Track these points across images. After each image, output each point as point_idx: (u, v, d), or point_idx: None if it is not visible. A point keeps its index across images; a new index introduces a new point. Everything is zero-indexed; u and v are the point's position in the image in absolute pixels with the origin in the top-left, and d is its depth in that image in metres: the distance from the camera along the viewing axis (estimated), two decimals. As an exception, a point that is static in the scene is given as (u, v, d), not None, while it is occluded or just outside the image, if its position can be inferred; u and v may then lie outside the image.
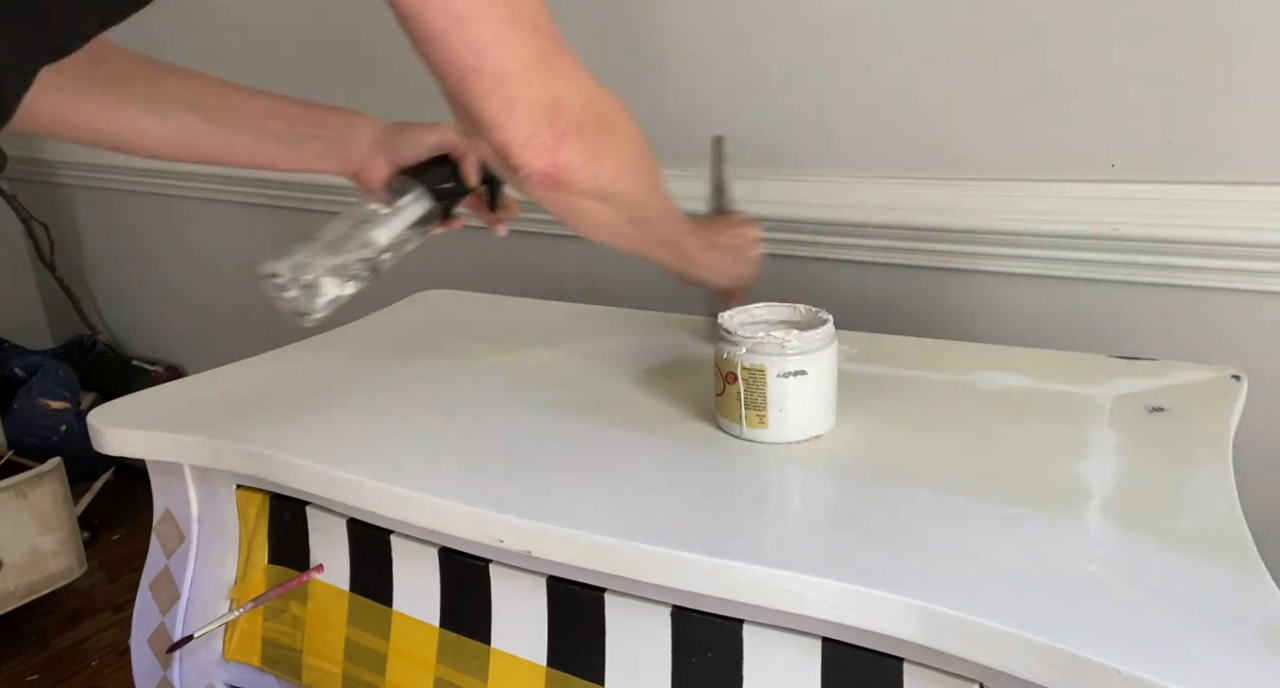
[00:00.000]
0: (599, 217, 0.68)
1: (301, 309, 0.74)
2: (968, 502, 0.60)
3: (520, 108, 0.57)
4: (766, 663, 0.58)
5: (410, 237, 0.80)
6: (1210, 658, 0.45)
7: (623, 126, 0.64)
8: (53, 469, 1.62)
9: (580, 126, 0.59)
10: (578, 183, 0.62)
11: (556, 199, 0.64)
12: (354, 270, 0.76)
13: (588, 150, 0.61)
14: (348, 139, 0.81)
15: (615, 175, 0.64)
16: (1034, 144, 0.97)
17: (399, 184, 0.80)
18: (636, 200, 0.68)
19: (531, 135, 0.58)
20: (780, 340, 0.68)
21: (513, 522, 0.61)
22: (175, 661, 0.83)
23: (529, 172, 0.59)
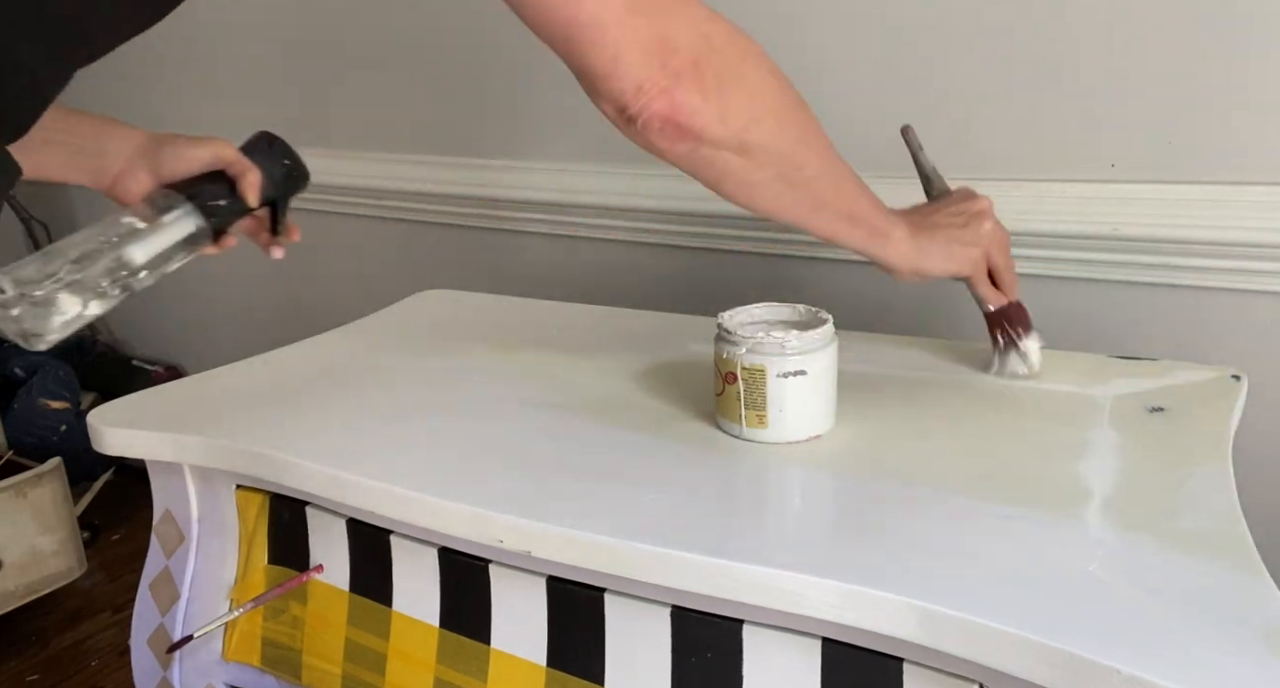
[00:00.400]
0: (741, 173, 0.61)
1: (30, 330, 0.66)
2: (968, 502, 0.60)
3: (627, 52, 0.54)
4: (766, 663, 0.58)
5: (173, 255, 0.73)
6: (1210, 658, 0.45)
7: (753, 65, 0.60)
8: (53, 469, 1.62)
9: (696, 64, 0.56)
10: (702, 127, 0.57)
11: (687, 152, 0.59)
12: (101, 287, 0.69)
13: (709, 88, 0.56)
14: (98, 148, 0.74)
15: (750, 119, 0.59)
16: (1034, 144, 0.97)
17: (163, 199, 0.73)
18: (785, 153, 0.62)
19: (644, 80, 0.55)
20: (780, 340, 0.68)
21: (513, 522, 0.61)
22: (175, 661, 0.83)
23: (648, 118, 0.56)
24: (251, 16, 1.61)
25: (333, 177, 1.57)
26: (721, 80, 0.57)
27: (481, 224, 1.42)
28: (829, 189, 0.66)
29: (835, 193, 0.66)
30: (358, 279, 1.62)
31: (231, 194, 0.75)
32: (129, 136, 0.75)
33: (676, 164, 0.60)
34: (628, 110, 0.57)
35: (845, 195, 0.67)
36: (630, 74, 0.55)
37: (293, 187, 0.80)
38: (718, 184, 0.63)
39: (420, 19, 1.40)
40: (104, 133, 0.75)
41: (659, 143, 0.58)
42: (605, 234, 1.30)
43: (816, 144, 0.64)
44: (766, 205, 0.64)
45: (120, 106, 1.44)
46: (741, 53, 0.59)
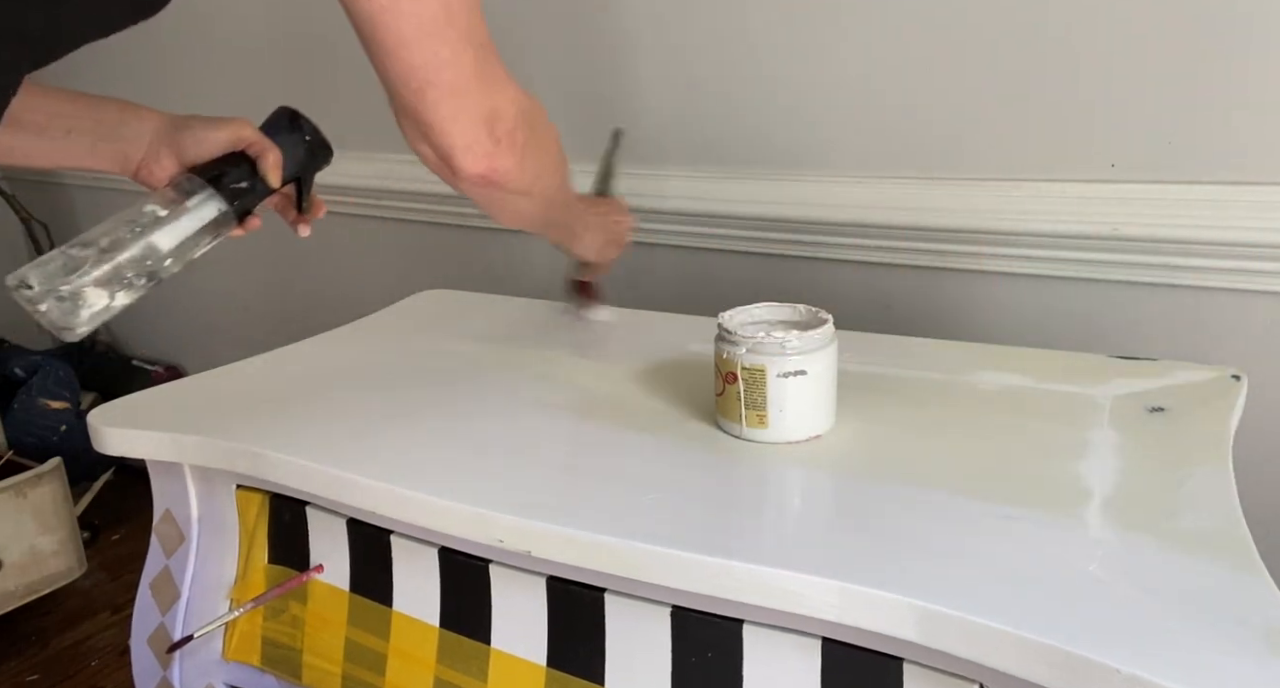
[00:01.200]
0: (520, 208, 0.74)
1: (59, 324, 0.67)
2: (967, 502, 0.60)
3: (465, 116, 0.63)
4: (766, 663, 0.58)
5: (199, 241, 0.73)
6: (1210, 658, 0.45)
7: (546, 130, 0.71)
8: (53, 469, 1.62)
9: (512, 133, 0.65)
10: (510, 183, 0.67)
11: (487, 195, 0.69)
12: (127, 279, 0.69)
13: (518, 154, 0.66)
14: (118, 133, 0.75)
15: (538, 174, 0.70)
16: (1034, 144, 0.97)
17: (187, 183, 0.73)
18: (552, 193, 0.75)
19: (473, 141, 0.64)
20: (780, 340, 0.68)
21: (513, 522, 0.61)
22: (175, 661, 0.83)
23: (468, 174, 0.65)
24: (251, 15, 1.61)
25: (333, 176, 1.57)
26: (527, 146, 0.67)
27: (481, 224, 1.42)
28: (563, 209, 0.82)
29: (563, 210, 0.82)
30: (358, 279, 1.62)
31: (254, 175, 0.75)
32: (149, 120, 0.75)
33: (469, 197, 0.70)
34: (453, 163, 0.64)
35: (566, 210, 0.84)
36: (465, 134, 0.63)
37: (316, 163, 0.80)
38: (496, 215, 0.75)
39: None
40: (124, 118, 0.75)
41: (469, 189, 0.68)
42: (605, 234, 1.30)
43: (567, 179, 0.79)
44: (523, 225, 0.79)
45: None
46: (540, 119, 0.70)
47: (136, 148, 0.75)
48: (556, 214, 0.82)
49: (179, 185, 0.73)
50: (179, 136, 0.75)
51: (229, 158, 0.74)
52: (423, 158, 0.66)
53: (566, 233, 0.89)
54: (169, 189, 0.73)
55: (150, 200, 0.72)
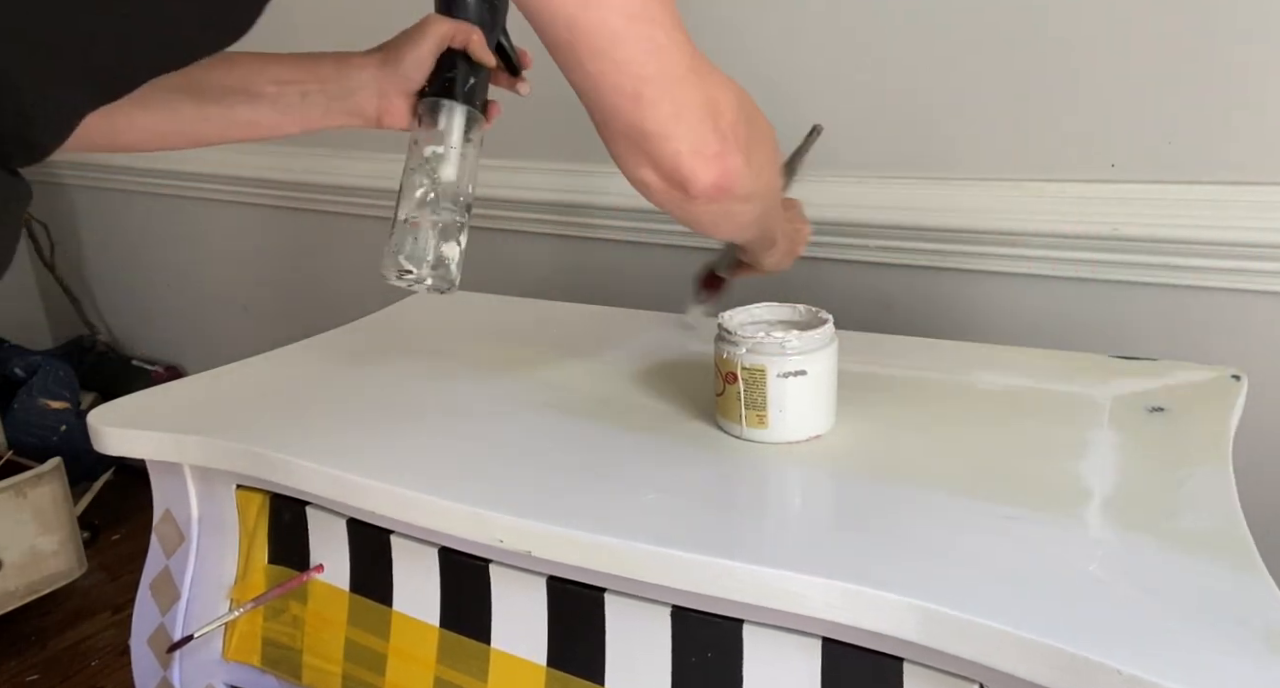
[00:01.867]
0: (744, 216, 0.64)
1: (443, 287, 0.73)
2: (968, 502, 0.60)
3: (688, 111, 0.55)
4: (766, 663, 0.58)
5: (469, 153, 0.76)
6: (1210, 658, 0.45)
7: (763, 120, 0.62)
8: (53, 469, 1.62)
9: (735, 126, 0.57)
10: (740, 186, 0.58)
11: (716, 210, 0.60)
12: (458, 221, 0.74)
13: (744, 150, 0.58)
14: (347, 88, 0.75)
15: (761, 171, 0.61)
16: (1034, 144, 0.97)
17: (429, 109, 0.75)
18: (772, 194, 0.67)
19: (700, 142, 0.55)
20: (780, 340, 0.68)
21: (513, 522, 0.61)
22: (175, 661, 0.83)
23: (702, 184, 0.56)
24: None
25: (333, 177, 1.57)
26: (750, 140, 0.58)
27: (481, 224, 1.42)
28: (772, 210, 0.71)
29: (774, 212, 0.72)
30: (358, 279, 1.63)
31: (471, 66, 0.75)
32: (364, 67, 0.75)
33: (692, 218, 0.61)
34: (681, 171, 0.56)
35: (775, 214, 0.73)
36: (690, 134, 0.55)
37: (503, 16, 0.78)
38: (716, 228, 0.65)
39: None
40: (343, 71, 0.75)
41: (698, 209, 0.59)
42: (605, 234, 1.30)
43: (776, 176, 0.68)
44: (737, 234, 0.71)
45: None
46: (755, 109, 0.61)
47: (367, 99, 0.75)
48: (769, 219, 0.72)
49: (426, 116, 0.75)
50: (399, 71, 0.74)
51: (442, 62, 0.75)
52: (646, 189, 0.59)
53: (767, 239, 0.78)
54: (424, 127, 0.75)
55: (418, 145, 0.75)
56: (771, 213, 0.71)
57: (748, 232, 0.71)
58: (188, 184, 1.82)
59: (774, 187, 0.67)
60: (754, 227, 0.70)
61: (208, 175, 1.76)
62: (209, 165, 1.75)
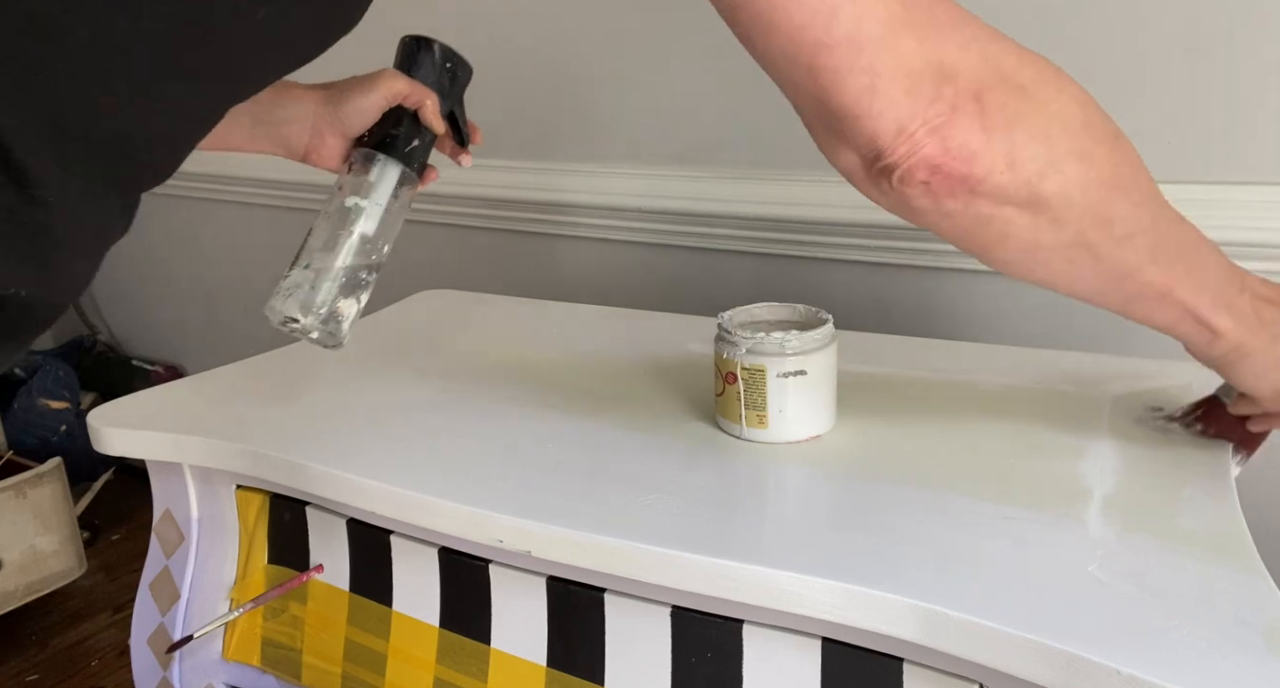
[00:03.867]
0: (1027, 234, 0.47)
1: (329, 343, 0.71)
2: (967, 502, 0.60)
3: (890, 81, 0.43)
4: (766, 663, 0.58)
5: (394, 210, 0.73)
6: (1210, 658, 0.45)
7: (1053, 91, 0.46)
8: (53, 469, 1.63)
9: (978, 94, 0.43)
10: (983, 174, 0.44)
11: (959, 209, 0.46)
12: (362, 279, 0.71)
13: (994, 124, 0.44)
14: (274, 117, 0.72)
15: (1046, 162, 0.45)
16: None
17: (364, 161, 0.72)
18: (1090, 206, 0.46)
19: (908, 118, 0.43)
20: (780, 340, 0.68)
21: (513, 522, 0.61)
22: (175, 661, 0.83)
23: (911, 166, 0.44)
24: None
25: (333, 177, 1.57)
26: (1010, 113, 0.44)
27: (482, 224, 1.42)
28: (1141, 253, 0.49)
29: (1149, 259, 0.50)
30: (358, 279, 1.62)
31: (417, 127, 0.73)
32: (303, 100, 0.72)
33: (938, 228, 0.47)
34: (883, 159, 0.44)
35: (1162, 262, 0.50)
36: (890, 111, 0.43)
37: (461, 87, 0.77)
38: (993, 249, 0.48)
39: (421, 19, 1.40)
40: (280, 99, 0.72)
41: (920, 200, 0.45)
42: (605, 234, 1.30)
43: (1130, 189, 0.48)
44: (1055, 275, 0.50)
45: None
46: (1036, 75, 0.46)
47: (298, 132, 0.72)
48: (1135, 261, 0.50)
49: (358, 165, 0.72)
50: (339, 113, 0.71)
51: (389, 117, 0.73)
52: (853, 179, 0.47)
53: (1184, 317, 0.53)
54: (351, 174, 0.72)
55: (342, 192, 0.72)
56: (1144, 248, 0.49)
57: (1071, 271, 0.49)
58: (188, 184, 1.82)
59: (1098, 193, 0.46)
60: (1081, 264, 0.49)
61: (208, 175, 1.76)
62: (209, 165, 1.75)
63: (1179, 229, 0.52)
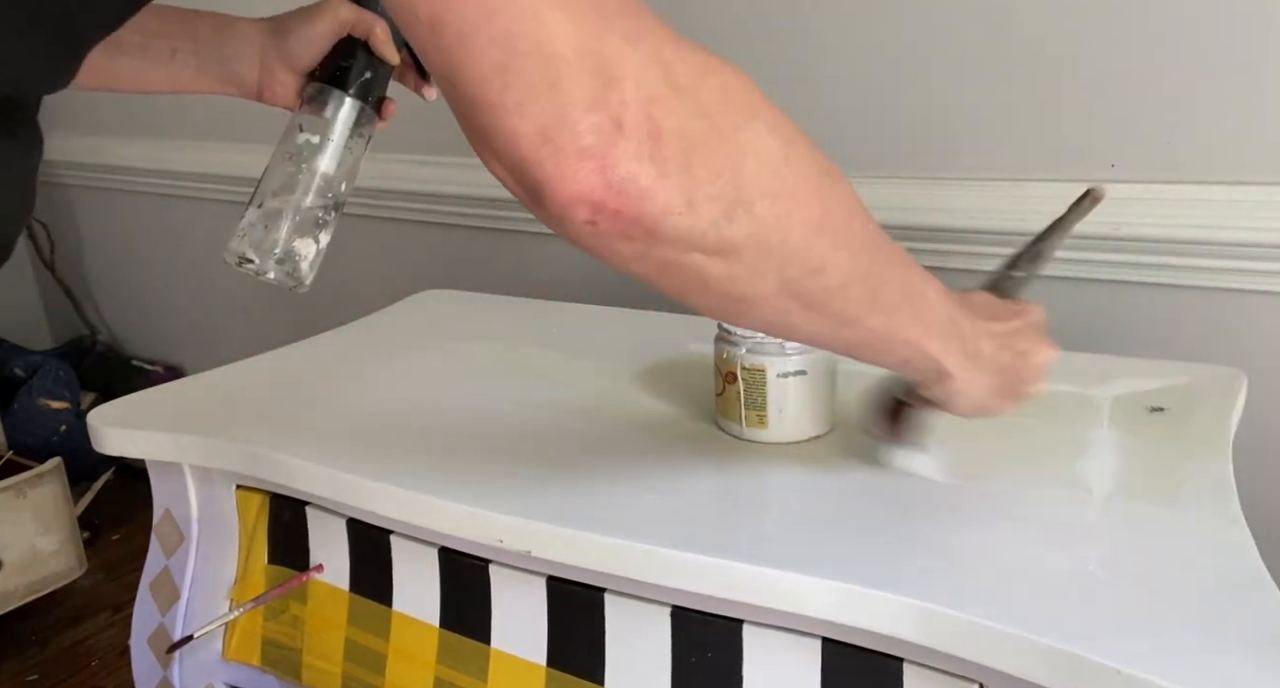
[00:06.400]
0: (724, 284, 0.40)
1: (290, 283, 0.68)
2: (968, 501, 0.60)
3: (527, 61, 0.33)
4: (766, 663, 0.58)
5: (354, 148, 0.70)
6: (1210, 658, 0.45)
7: (741, 115, 0.38)
8: (53, 469, 1.62)
9: (648, 110, 0.35)
10: (659, 216, 0.36)
11: (635, 255, 0.38)
12: (319, 217, 0.68)
13: (667, 154, 0.35)
14: (220, 54, 0.68)
15: (734, 201, 0.37)
16: (1034, 144, 0.97)
17: (318, 95, 0.69)
18: (792, 252, 0.40)
19: (555, 118, 0.34)
20: (780, 340, 0.68)
21: (513, 522, 0.61)
22: (175, 661, 0.83)
23: (566, 200, 0.35)
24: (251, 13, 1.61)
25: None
26: (688, 141, 0.36)
27: (481, 224, 1.42)
28: (860, 301, 0.45)
29: (870, 306, 0.45)
30: (358, 279, 1.62)
31: (371, 58, 0.69)
32: (248, 34, 0.69)
33: (621, 270, 0.40)
34: (528, 174, 0.35)
35: (885, 308, 0.46)
36: (530, 106, 0.34)
37: None
38: (691, 297, 0.42)
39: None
40: (223, 35, 0.69)
41: (589, 241, 0.37)
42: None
43: (842, 232, 0.43)
44: (769, 326, 0.45)
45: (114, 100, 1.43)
46: (720, 94, 0.37)
47: (247, 67, 0.69)
48: (854, 308, 0.45)
49: (311, 100, 0.70)
50: (285, 45, 0.68)
51: (340, 48, 0.70)
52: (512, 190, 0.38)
53: (919, 360, 0.51)
54: (305, 110, 0.70)
55: (296, 128, 0.69)
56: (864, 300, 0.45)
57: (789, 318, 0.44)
58: (188, 184, 1.82)
59: (802, 236, 0.40)
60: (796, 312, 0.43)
61: (208, 175, 1.76)
62: (209, 165, 1.75)
63: (901, 272, 0.47)
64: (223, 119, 1.70)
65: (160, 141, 1.85)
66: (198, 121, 1.76)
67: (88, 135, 1.94)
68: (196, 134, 1.77)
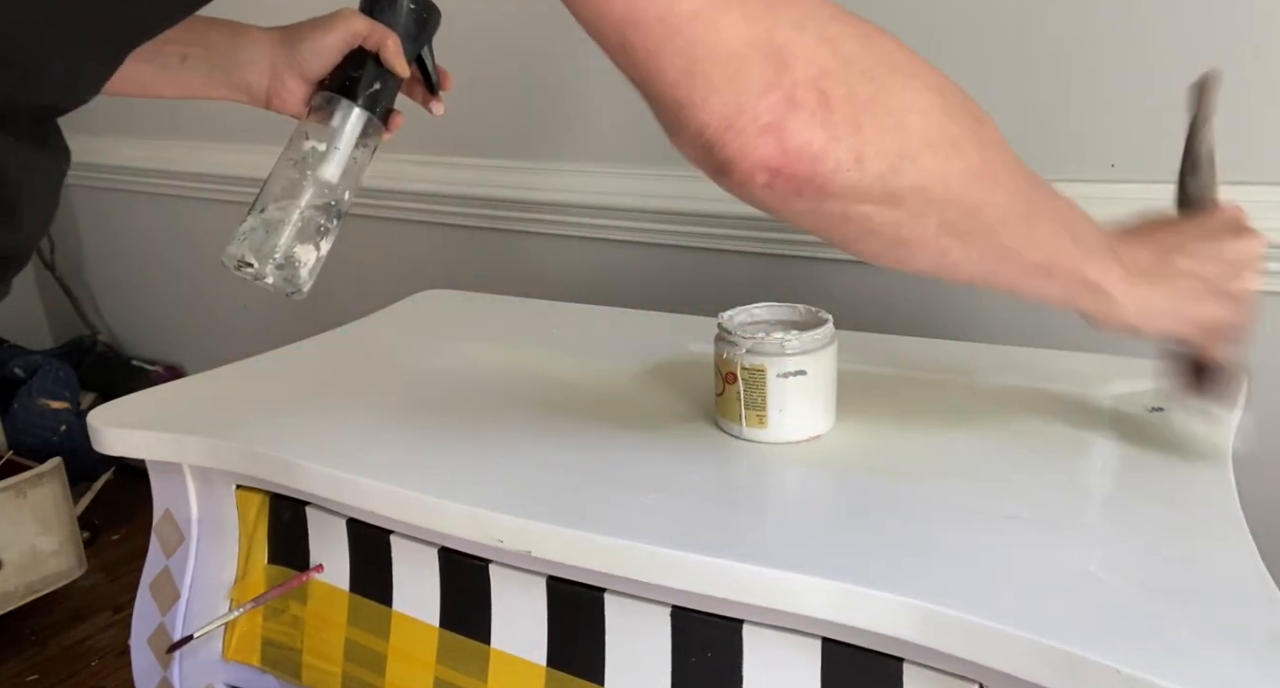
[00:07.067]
0: (889, 229, 0.43)
1: (288, 290, 0.68)
2: (968, 502, 0.60)
3: (706, 64, 0.38)
4: (766, 663, 0.58)
5: (359, 159, 0.70)
6: (1210, 658, 0.45)
7: (902, 75, 0.42)
8: (53, 469, 1.62)
9: (818, 82, 0.38)
10: (829, 175, 0.40)
11: (808, 209, 0.42)
12: (320, 224, 0.69)
13: (838, 119, 0.39)
14: (231, 61, 0.70)
15: (899, 155, 0.41)
16: (1034, 144, 0.97)
17: (325, 104, 0.70)
18: (952, 196, 0.43)
19: (735, 107, 0.38)
20: (780, 340, 0.68)
21: (513, 522, 0.61)
22: (175, 661, 0.83)
23: (749, 169, 0.39)
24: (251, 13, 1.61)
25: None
26: (856, 104, 0.40)
27: (481, 224, 1.42)
28: (1017, 236, 0.47)
29: (1026, 239, 0.48)
30: (358, 279, 1.62)
31: (380, 71, 0.70)
32: (261, 42, 0.70)
33: (796, 224, 0.44)
34: (715, 153, 0.40)
35: (1040, 241, 0.49)
36: (714, 100, 0.38)
37: (429, 30, 0.74)
38: (855, 243, 0.45)
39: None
40: (235, 43, 0.70)
41: (767, 200, 0.41)
42: (605, 234, 1.30)
43: (998, 174, 0.45)
44: (930, 266, 0.47)
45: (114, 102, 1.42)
46: (883, 59, 0.41)
47: (257, 75, 0.70)
48: (1011, 242, 0.48)
49: (319, 109, 0.70)
50: (296, 54, 0.69)
51: (350, 59, 0.70)
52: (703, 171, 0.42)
53: (1074, 285, 0.52)
54: (313, 118, 0.70)
55: (303, 136, 0.70)
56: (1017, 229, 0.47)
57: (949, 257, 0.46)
58: (188, 184, 1.82)
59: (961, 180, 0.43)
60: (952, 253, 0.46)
61: (208, 175, 1.76)
62: (209, 165, 1.75)
63: (1052, 204, 0.50)
64: (223, 119, 1.70)
65: (160, 141, 1.85)
66: (198, 121, 1.76)
67: (88, 135, 1.94)
68: (196, 134, 1.77)
